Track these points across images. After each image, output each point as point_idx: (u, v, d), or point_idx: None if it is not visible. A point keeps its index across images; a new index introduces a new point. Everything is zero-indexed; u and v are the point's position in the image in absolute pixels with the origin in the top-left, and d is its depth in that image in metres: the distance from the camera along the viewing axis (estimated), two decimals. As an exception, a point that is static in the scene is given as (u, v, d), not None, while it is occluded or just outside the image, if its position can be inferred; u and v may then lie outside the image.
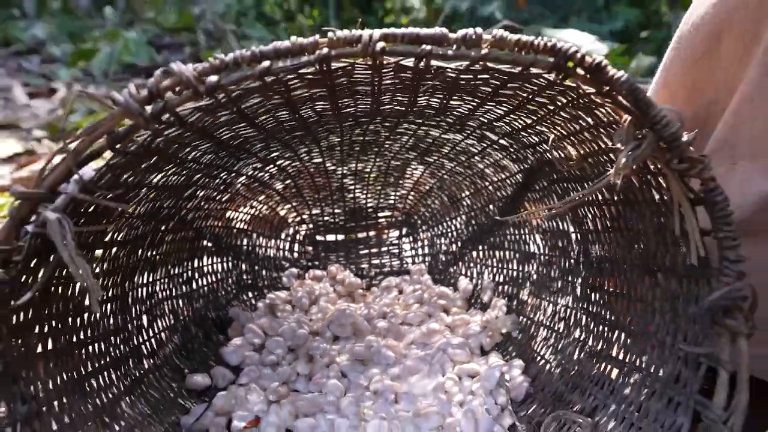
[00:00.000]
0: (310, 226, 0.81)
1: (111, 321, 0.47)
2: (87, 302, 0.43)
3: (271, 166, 0.64)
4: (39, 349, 0.36)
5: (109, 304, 0.48)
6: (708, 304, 0.32)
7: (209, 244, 0.68)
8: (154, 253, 0.56)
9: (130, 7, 5.21)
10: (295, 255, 0.81)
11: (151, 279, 0.56)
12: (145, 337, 0.54)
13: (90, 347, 0.43)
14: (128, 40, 3.74)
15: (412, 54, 0.32)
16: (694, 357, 0.35)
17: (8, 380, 0.32)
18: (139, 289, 0.54)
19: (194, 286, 0.65)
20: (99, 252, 0.44)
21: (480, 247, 0.74)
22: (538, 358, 0.57)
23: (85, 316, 0.43)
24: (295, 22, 10.18)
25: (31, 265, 0.33)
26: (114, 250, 0.47)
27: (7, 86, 3.13)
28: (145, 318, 0.55)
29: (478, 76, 0.38)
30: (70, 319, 0.40)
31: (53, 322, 0.38)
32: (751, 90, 0.37)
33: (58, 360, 0.38)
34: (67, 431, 0.36)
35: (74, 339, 0.41)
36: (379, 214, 0.83)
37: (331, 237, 0.83)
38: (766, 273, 0.37)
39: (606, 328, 0.49)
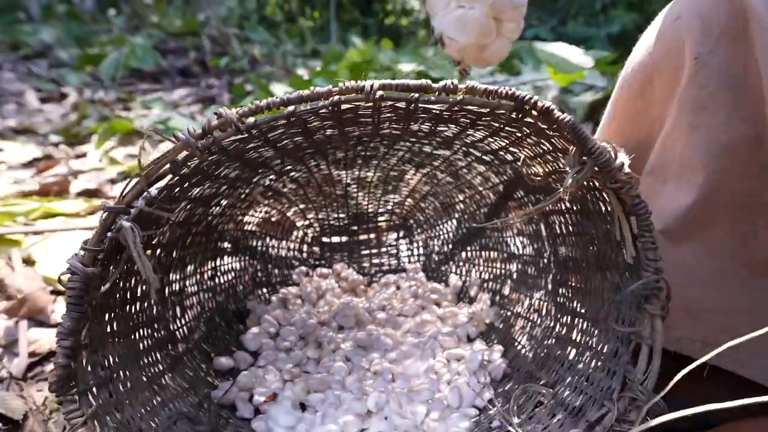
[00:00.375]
0: (317, 229, 0.90)
1: (153, 310, 0.57)
2: (137, 293, 0.52)
3: (285, 177, 0.73)
4: (108, 329, 0.45)
5: (153, 296, 0.57)
6: (631, 292, 0.41)
7: (229, 246, 0.77)
8: (184, 253, 0.65)
9: (135, 11, 5.29)
10: (304, 255, 0.90)
11: (181, 276, 0.66)
12: (179, 325, 0.63)
13: (140, 330, 0.52)
14: (135, 45, 3.83)
15: (403, 99, 0.41)
16: (626, 335, 0.44)
17: (94, 350, 0.41)
18: (173, 284, 0.63)
19: (216, 282, 0.74)
20: (148, 252, 0.54)
21: (468, 248, 0.84)
22: (515, 343, 0.67)
23: (137, 305, 0.52)
24: (296, 23, 10.25)
25: (107, 262, 0.42)
26: (158, 251, 0.56)
27: (19, 91, 3.22)
28: (178, 309, 0.64)
29: (458, 112, 0.47)
30: (127, 307, 0.50)
31: (117, 309, 0.47)
32: (673, 123, 0.47)
33: (120, 339, 0.47)
34: (129, 395, 0.46)
35: (130, 323, 0.50)
36: (379, 219, 0.92)
37: (335, 239, 0.92)
38: (685, 271, 0.46)
39: (568, 317, 0.58)
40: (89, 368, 0.42)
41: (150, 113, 2.67)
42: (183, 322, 0.64)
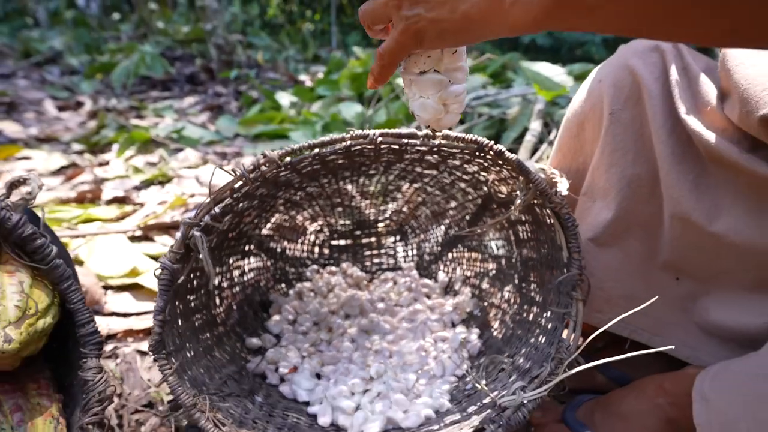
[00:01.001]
0: (327, 233, 1.06)
1: (202, 299, 0.72)
2: (194, 285, 0.68)
3: (301, 191, 0.88)
4: (178, 311, 0.61)
5: (202, 289, 0.73)
6: (560, 283, 0.57)
7: (254, 249, 0.93)
8: (222, 254, 0.81)
9: (142, 18, 5.44)
10: (315, 255, 1.05)
11: (219, 272, 0.81)
12: (218, 312, 0.79)
13: (196, 314, 0.68)
14: (144, 53, 3.97)
15: (397, 143, 0.57)
16: (561, 315, 0.60)
17: (171, 325, 0.57)
18: (215, 279, 0.79)
19: (245, 278, 0.90)
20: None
21: (454, 250, 0.99)
22: (489, 327, 0.82)
23: (193, 295, 0.68)
24: (296, 25, 10.35)
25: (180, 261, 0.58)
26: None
27: (35, 99, 3.37)
28: (217, 299, 0.80)
29: (440, 148, 0.63)
30: (187, 296, 0.65)
31: (183, 297, 0.63)
32: (597, 159, 0.62)
33: (184, 319, 0.63)
34: (193, 360, 0.61)
35: (190, 307, 0.66)
36: (379, 225, 1.08)
37: (342, 242, 1.07)
38: (608, 269, 0.62)
39: (527, 305, 0.74)
40: (171, 337, 0.57)
41: (162, 121, 2.83)
42: (221, 309, 0.80)
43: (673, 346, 0.52)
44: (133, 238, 1.29)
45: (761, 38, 0.30)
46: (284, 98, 2.87)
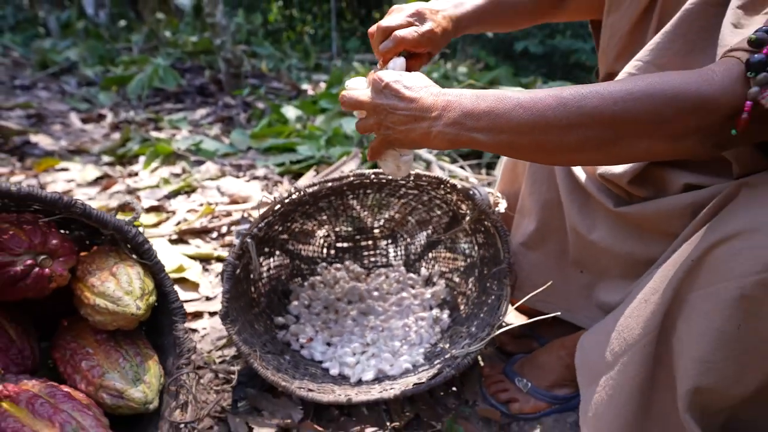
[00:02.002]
0: (333, 238, 1.32)
1: (244, 288, 0.99)
2: (242, 277, 0.94)
3: (314, 206, 1.15)
4: (234, 294, 0.88)
5: (243, 281, 0.99)
6: (496, 272, 0.84)
7: (276, 250, 1.20)
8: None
9: (150, 28, 5.70)
10: (324, 255, 1.32)
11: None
12: (254, 297, 1.05)
13: (242, 298, 0.95)
14: (157, 66, 4.24)
15: (384, 178, 0.84)
16: (497, 295, 0.87)
17: (233, 305, 0.83)
18: (249, 274, 1.06)
19: (270, 273, 1.17)
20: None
21: (434, 251, 1.26)
22: (457, 308, 1.09)
23: (242, 284, 0.94)
24: (296, 30, 10.55)
25: (238, 260, 0.85)
26: (248, 253, 0.98)
27: (58, 110, 3.64)
28: (252, 288, 1.06)
29: (415, 182, 0.90)
30: (237, 285, 0.92)
31: (235, 285, 0.90)
32: (524, 186, 0.89)
33: (234, 301, 0.90)
34: (242, 330, 0.88)
35: (239, 291, 0.92)
36: (375, 230, 1.34)
37: (345, 244, 1.34)
38: (534, 265, 0.89)
39: (482, 290, 1.01)
40: (231, 311, 0.84)
41: (179, 133, 3.09)
42: (255, 296, 1.07)
43: (571, 316, 0.79)
44: (171, 241, 1.56)
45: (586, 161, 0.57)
46: (290, 111, 3.13)
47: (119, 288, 0.73)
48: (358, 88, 0.66)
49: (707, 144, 0.48)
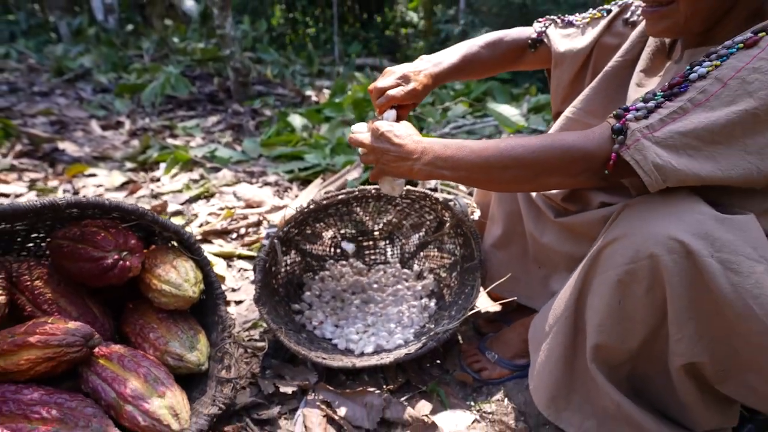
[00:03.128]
0: (339, 239, 1.55)
1: (269, 279, 1.22)
2: (267, 270, 1.17)
3: (324, 212, 1.38)
4: (264, 282, 1.11)
5: (267, 274, 1.22)
6: (469, 268, 1.07)
7: (292, 249, 1.42)
8: (276, 252, 1.30)
9: (161, 36, 5.93)
10: (331, 253, 1.54)
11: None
12: (275, 288, 1.28)
13: (267, 287, 1.17)
14: (168, 75, 4.46)
15: (380, 194, 1.07)
16: (472, 284, 1.10)
17: (263, 292, 1.06)
18: (271, 268, 1.29)
19: (287, 268, 1.39)
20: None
21: (425, 250, 1.48)
22: (443, 297, 1.32)
23: (267, 275, 1.17)
24: (299, 32, 10.74)
25: (266, 255, 1.08)
26: (271, 251, 1.21)
27: (78, 117, 3.87)
28: (273, 280, 1.29)
29: (406, 195, 1.12)
30: (265, 276, 1.15)
31: (263, 276, 1.12)
32: (493, 199, 1.11)
33: (265, 288, 1.13)
34: (270, 312, 1.11)
35: (266, 281, 1.15)
36: (375, 232, 1.57)
37: (349, 244, 1.56)
38: (502, 262, 1.12)
39: (461, 282, 1.23)
40: (266, 294, 1.07)
41: (193, 140, 3.32)
42: (276, 287, 1.29)
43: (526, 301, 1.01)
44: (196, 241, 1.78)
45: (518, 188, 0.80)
46: (296, 120, 3.36)
47: (179, 277, 0.96)
48: (361, 131, 0.89)
49: (594, 179, 0.70)
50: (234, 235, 1.86)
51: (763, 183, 0.64)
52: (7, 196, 2.19)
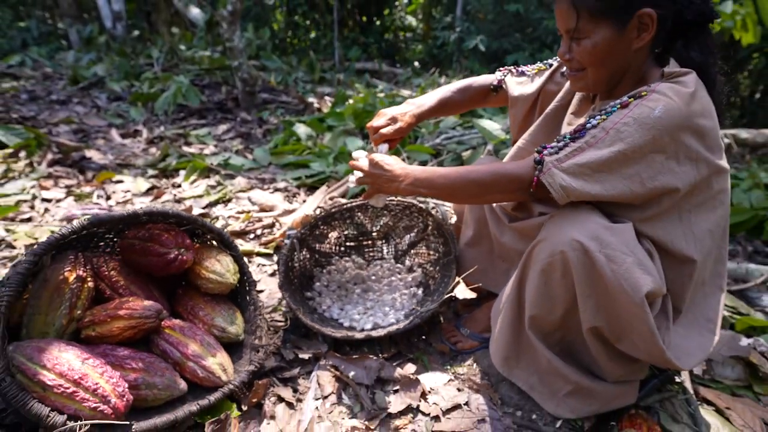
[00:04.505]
0: (342, 239, 1.84)
1: (287, 272, 1.51)
2: (288, 264, 1.47)
3: (330, 216, 1.67)
4: (286, 273, 1.40)
5: (286, 267, 1.51)
6: (447, 261, 1.36)
7: (304, 247, 1.71)
8: (292, 250, 1.60)
9: (163, 37, 6.21)
10: (336, 250, 1.83)
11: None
12: (291, 278, 1.57)
13: (286, 278, 1.47)
14: (180, 85, 4.75)
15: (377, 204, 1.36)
16: (448, 274, 1.39)
17: (287, 280, 1.35)
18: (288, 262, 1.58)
19: (299, 262, 1.68)
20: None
21: (415, 248, 1.78)
22: (429, 287, 1.61)
23: (286, 268, 1.46)
24: (300, 34, 11.01)
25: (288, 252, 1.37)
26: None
27: (98, 125, 4.15)
28: (291, 273, 1.58)
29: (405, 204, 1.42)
30: (287, 269, 1.44)
31: (284, 268, 1.42)
32: (466, 208, 1.41)
33: (285, 276, 1.42)
34: (292, 295, 1.40)
35: (286, 271, 1.44)
36: (373, 233, 1.86)
37: (351, 243, 1.85)
38: (473, 258, 1.41)
39: (442, 275, 1.53)
40: (287, 283, 1.36)
41: (206, 148, 3.61)
42: (292, 277, 1.59)
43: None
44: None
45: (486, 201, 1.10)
46: (301, 129, 3.64)
47: (222, 268, 1.26)
48: (360, 157, 1.18)
49: (525, 195, 0.99)
50: (252, 236, 2.15)
51: (636, 200, 0.93)
52: (49, 201, 2.47)
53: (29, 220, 2.18)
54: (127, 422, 0.95)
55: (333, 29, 10.56)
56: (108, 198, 2.59)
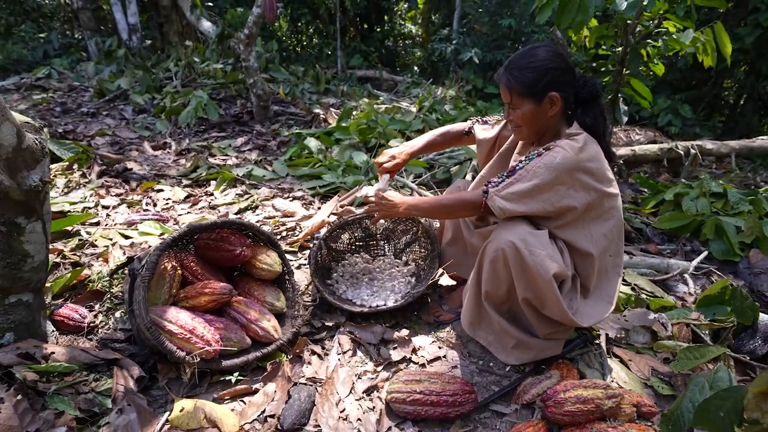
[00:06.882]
0: (353, 240, 2.34)
1: (312, 265, 2.01)
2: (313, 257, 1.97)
3: (344, 222, 2.17)
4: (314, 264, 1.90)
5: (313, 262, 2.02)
6: (432, 256, 1.87)
7: (324, 246, 2.22)
8: (316, 248, 2.10)
9: (189, 63, 6.69)
10: (348, 248, 2.33)
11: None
12: (314, 270, 2.08)
13: (314, 269, 1.97)
14: (200, 100, 5.25)
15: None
16: (433, 267, 1.90)
17: (314, 270, 1.86)
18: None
19: (320, 258, 2.19)
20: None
21: (411, 247, 2.28)
22: (420, 277, 2.12)
23: (309, 261, 1.97)
24: (302, 37, 11.47)
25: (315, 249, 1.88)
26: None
27: (129, 138, 4.63)
28: (314, 266, 2.09)
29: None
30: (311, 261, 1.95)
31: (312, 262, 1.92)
32: (447, 222, 1.91)
33: (315, 268, 1.92)
34: (319, 282, 1.90)
35: (313, 266, 1.95)
36: (377, 235, 2.36)
37: (360, 243, 2.35)
38: (453, 254, 1.92)
39: (429, 267, 2.04)
40: (314, 272, 1.87)
41: (229, 159, 4.11)
42: (315, 269, 2.09)
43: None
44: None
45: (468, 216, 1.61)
46: (312, 143, 4.14)
47: (271, 260, 1.76)
48: (369, 192, 1.69)
49: (479, 213, 1.50)
50: (278, 237, 2.65)
51: (550, 215, 1.43)
52: (106, 207, 2.97)
53: (98, 224, 2.68)
54: (220, 358, 1.46)
55: (336, 38, 11.02)
56: (154, 204, 3.08)
